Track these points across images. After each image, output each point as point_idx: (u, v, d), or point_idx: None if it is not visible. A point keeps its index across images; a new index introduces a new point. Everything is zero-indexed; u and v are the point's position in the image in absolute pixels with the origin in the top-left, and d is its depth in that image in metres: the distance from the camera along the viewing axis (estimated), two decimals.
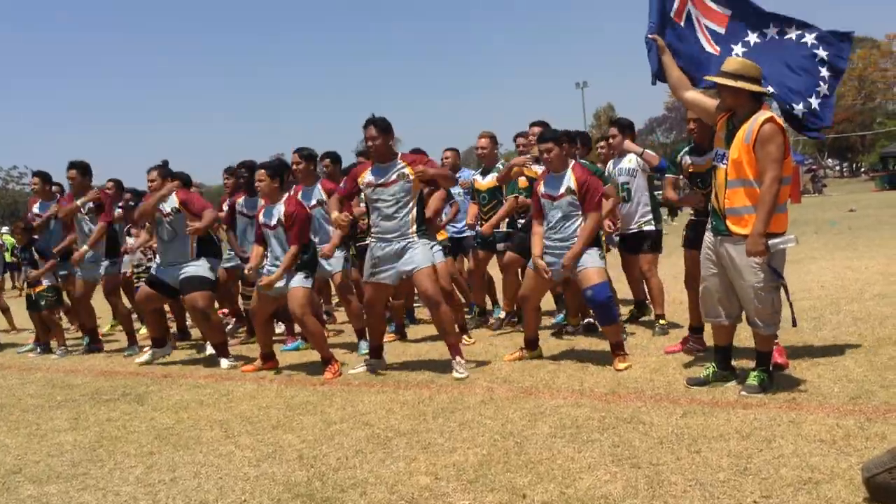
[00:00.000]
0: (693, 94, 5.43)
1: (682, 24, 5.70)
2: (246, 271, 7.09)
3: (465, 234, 8.49)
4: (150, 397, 6.28)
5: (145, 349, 8.11)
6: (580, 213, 6.09)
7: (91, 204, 8.60)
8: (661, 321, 7.24)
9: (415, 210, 6.22)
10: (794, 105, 5.36)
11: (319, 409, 5.42)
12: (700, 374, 5.28)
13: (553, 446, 4.19)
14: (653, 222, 7.36)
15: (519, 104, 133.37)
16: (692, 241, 6.03)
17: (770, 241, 4.73)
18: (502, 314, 8.38)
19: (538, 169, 6.92)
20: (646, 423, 4.46)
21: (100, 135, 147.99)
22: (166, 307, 8.71)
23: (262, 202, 6.96)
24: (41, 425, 5.65)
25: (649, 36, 5.62)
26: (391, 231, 6.21)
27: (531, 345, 6.56)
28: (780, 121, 4.81)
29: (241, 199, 8.33)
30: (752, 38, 5.69)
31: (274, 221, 6.71)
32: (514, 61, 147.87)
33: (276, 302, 6.94)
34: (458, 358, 6.18)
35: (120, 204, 9.37)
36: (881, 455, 3.15)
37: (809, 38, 5.59)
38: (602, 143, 7.99)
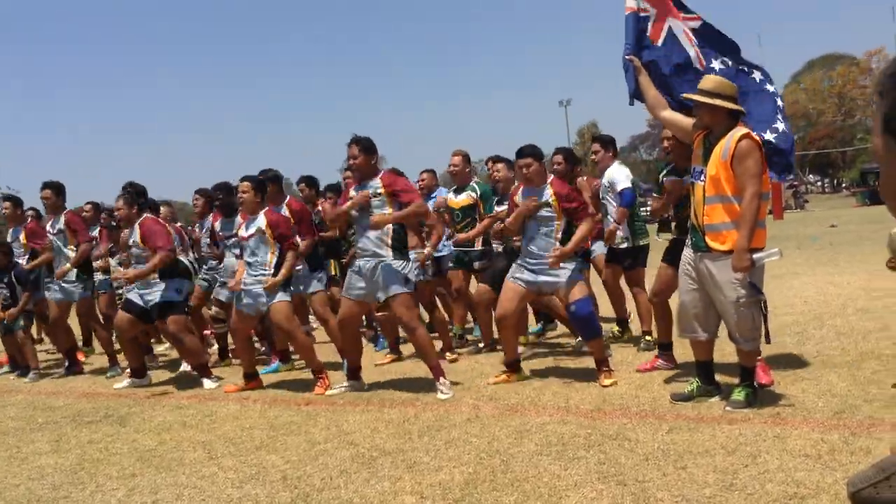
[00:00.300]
0: (670, 113, 5.47)
1: (661, 43, 5.76)
2: (229, 286, 7.13)
3: (442, 254, 8.36)
4: (133, 419, 6.22)
5: (127, 370, 8.03)
6: (555, 227, 6.09)
7: (61, 224, 8.53)
8: (648, 337, 7.23)
9: (390, 227, 6.20)
10: (761, 134, 5.46)
11: (304, 430, 5.38)
12: (684, 389, 5.29)
13: (539, 464, 4.17)
14: (629, 239, 7.29)
15: (503, 122, 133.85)
16: (670, 258, 6.06)
17: (754, 256, 4.75)
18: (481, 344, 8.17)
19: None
20: (631, 439, 4.45)
21: (90, 147, 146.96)
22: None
23: (240, 219, 6.99)
24: (22, 448, 5.58)
25: (626, 57, 5.69)
26: (368, 248, 6.22)
27: (513, 367, 6.43)
28: (757, 136, 4.86)
29: (217, 222, 8.23)
30: (717, 64, 5.79)
31: (250, 232, 6.73)
32: (499, 78, 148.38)
33: (255, 320, 6.97)
34: (441, 379, 6.14)
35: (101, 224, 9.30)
36: (866, 470, 3.15)
37: (757, 75, 5.78)
38: (558, 159, 7.90)
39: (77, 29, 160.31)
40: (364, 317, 8.08)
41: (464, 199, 7.93)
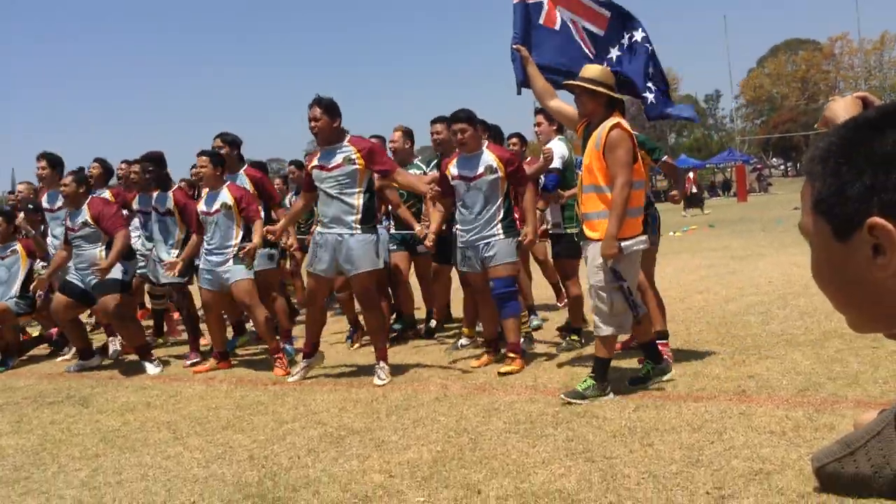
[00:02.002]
0: (557, 103, 5.47)
1: (558, 27, 5.70)
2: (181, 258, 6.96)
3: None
4: (95, 399, 6.12)
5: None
6: (500, 196, 5.93)
7: None
8: (574, 336, 6.57)
9: (361, 198, 5.90)
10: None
11: (271, 409, 5.33)
12: (640, 372, 5.22)
13: (507, 442, 4.18)
14: (560, 225, 6.63)
15: (466, 102, 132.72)
16: None
17: (623, 244, 4.78)
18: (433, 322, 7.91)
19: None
20: (599, 417, 4.47)
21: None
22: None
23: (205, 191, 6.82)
24: None
25: (513, 46, 5.62)
26: (333, 218, 5.92)
27: (492, 345, 6.26)
28: (628, 126, 4.86)
29: (136, 198, 7.96)
30: (625, 40, 5.70)
31: (215, 207, 6.59)
32: (462, 59, 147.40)
33: (225, 297, 6.79)
34: (381, 363, 5.97)
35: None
36: (830, 445, 3.20)
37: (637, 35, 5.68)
38: (514, 141, 7.64)
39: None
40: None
41: None
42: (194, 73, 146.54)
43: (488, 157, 5.95)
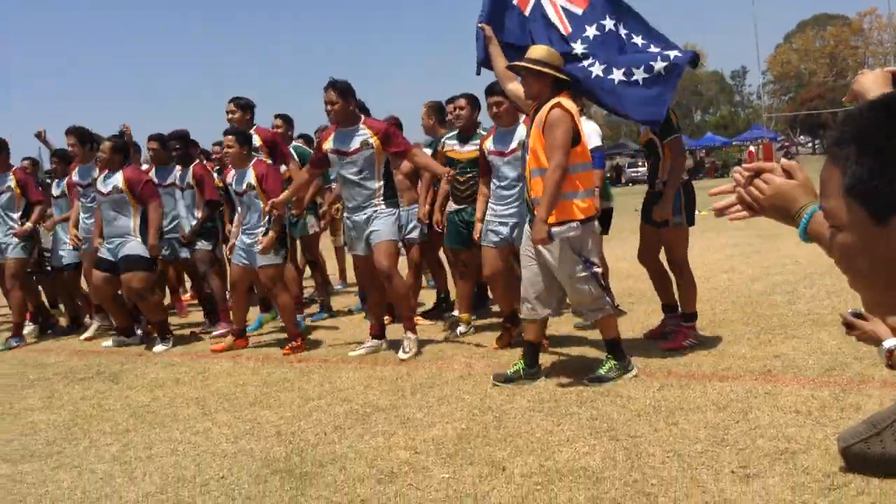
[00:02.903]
0: (515, 86, 5.30)
1: (528, 12, 5.52)
2: (229, 246, 6.99)
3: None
4: (125, 376, 6.22)
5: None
6: None
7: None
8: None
9: (381, 181, 6.01)
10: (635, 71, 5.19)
11: (297, 386, 5.40)
12: (508, 370, 5.11)
13: (532, 420, 4.20)
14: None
15: (475, 80, 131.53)
16: (646, 215, 5.79)
17: (554, 230, 4.65)
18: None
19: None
20: (623, 396, 4.48)
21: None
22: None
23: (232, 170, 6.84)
24: (14, 405, 5.58)
25: (478, 25, 5.51)
26: (357, 205, 6.03)
27: (511, 320, 6.15)
28: (569, 107, 4.70)
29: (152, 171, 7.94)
30: (609, 23, 5.43)
31: (243, 187, 6.61)
32: (464, 30, 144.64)
33: (251, 274, 6.78)
34: (409, 333, 6.04)
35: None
36: (857, 425, 3.19)
37: (654, 48, 5.39)
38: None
39: None
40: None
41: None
42: (190, 56, 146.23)
43: (523, 132, 5.75)
